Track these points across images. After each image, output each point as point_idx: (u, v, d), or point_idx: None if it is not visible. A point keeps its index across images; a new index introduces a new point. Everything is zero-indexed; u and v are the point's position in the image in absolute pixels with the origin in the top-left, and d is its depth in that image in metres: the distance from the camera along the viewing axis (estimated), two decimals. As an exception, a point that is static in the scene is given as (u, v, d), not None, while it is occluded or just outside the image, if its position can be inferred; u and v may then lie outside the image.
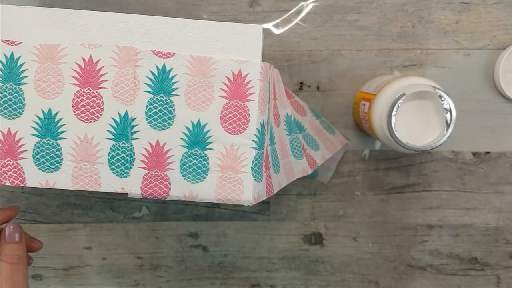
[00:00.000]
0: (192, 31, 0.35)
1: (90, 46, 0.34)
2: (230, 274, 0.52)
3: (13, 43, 0.34)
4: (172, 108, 0.35)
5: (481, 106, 0.50)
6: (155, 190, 0.35)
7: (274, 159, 0.39)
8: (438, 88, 0.40)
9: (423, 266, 0.52)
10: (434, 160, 0.50)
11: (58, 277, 0.51)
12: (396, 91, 0.40)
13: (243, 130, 0.35)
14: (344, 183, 0.51)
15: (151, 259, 0.52)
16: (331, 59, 0.49)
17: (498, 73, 0.47)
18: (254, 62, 0.34)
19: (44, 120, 0.35)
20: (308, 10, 0.48)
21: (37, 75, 0.34)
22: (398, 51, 0.49)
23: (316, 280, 0.52)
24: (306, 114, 0.46)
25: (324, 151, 0.45)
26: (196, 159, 0.35)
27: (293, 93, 0.47)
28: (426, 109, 0.41)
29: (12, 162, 0.35)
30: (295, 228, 0.52)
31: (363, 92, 0.47)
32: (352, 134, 0.50)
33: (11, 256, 0.36)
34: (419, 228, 0.52)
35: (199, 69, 0.34)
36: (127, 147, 0.35)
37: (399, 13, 0.48)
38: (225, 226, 0.51)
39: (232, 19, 0.48)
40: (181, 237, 0.52)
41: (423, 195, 0.51)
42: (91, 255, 0.52)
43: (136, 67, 0.34)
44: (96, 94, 0.34)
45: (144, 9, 0.48)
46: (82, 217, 0.51)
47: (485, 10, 0.48)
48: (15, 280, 0.36)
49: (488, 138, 0.50)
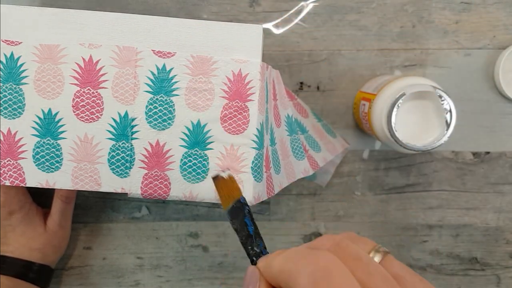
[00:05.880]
0: (192, 31, 0.35)
1: (90, 46, 0.34)
2: (230, 274, 0.52)
3: (13, 43, 0.34)
4: (172, 108, 0.35)
5: (481, 106, 0.49)
6: (155, 190, 0.35)
7: (275, 160, 0.39)
8: (438, 88, 0.40)
9: (423, 266, 0.52)
10: (434, 160, 0.50)
11: (58, 277, 0.51)
12: (396, 91, 0.40)
13: (243, 130, 0.35)
14: (344, 183, 0.51)
15: (151, 259, 0.52)
16: (331, 59, 0.49)
17: (498, 73, 0.47)
18: (254, 62, 0.35)
19: (44, 120, 0.35)
20: (308, 10, 0.48)
21: (37, 75, 0.34)
22: (398, 51, 0.49)
23: (316, 280, 0.52)
24: (308, 116, 0.46)
25: (326, 153, 0.45)
26: (196, 159, 0.35)
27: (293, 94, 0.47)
28: (426, 109, 0.41)
29: (12, 162, 0.35)
30: (295, 228, 0.52)
31: (363, 92, 0.47)
32: (352, 134, 0.50)
33: (66, 196, 0.46)
34: (419, 228, 0.52)
35: (200, 68, 0.34)
36: (127, 147, 0.35)
37: (399, 13, 0.48)
38: (225, 226, 0.51)
39: (232, 19, 0.48)
40: (181, 237, 0.52)
41: (423, 195, 0.51)
42: (91, 255, 0.52)
43: (136, 67, 0.34)
44: (96, 94, 0.34)
45: (144, 9, 0.48)
46: (82, 217, 0.51)
47: (485, 10, 0.48)
48: (65, 214, 0.47)
49: (488, 138, 0.50)
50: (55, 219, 0.46)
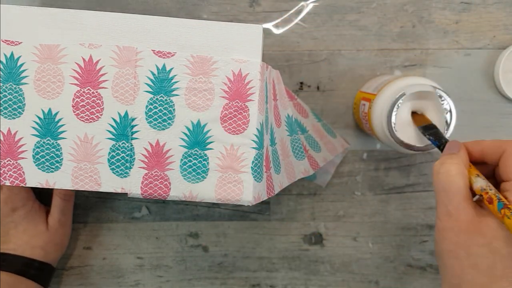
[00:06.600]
0: (192, 31, 0.35)
1: (90, 46, 0.34)
2: (230, 274, 0.52)
3: (13, 43, 0.34)
4: (172, 108, 0.35)
5: (481, 106, 0.49)
6: (155, 190, 0.35)
7: (275, 160, 0.39)
8: (438, 88, 0.40)
9: (423, 266, 0.52)
10: (434, 160, 0.50)
11: (58, 277, 0.51)
12: (396, 91, 0.40)
13: (243, 130, 0.35)
14: (344, 183, 0.51)
15: (151, 259, 0.52)
16: (331, 59, 0.49)
17: (498, 73, 0.47)
18: (254, 62, 0.34)
19: (44, 120, 0.35)
20: (308, 10, 0.48)
21: (37, 75, 0.34)
22: (398, 51, 0.49)
23: (316, 280, 0.52)
24: (308, 116, 0.46)
25: (326, 153, 0.45)
26: (196, 159, 0.35)
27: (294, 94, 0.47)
28: (426, 109, 0.41)
29: (12, 162, 0.35)
30: (295, 228, 0.52)
31: (363, 92, 0.47)
32: (352, 134, 0.50)
33: (64, 193, 0.46)
34: (419, 228, 0.52)
35: (200, 68, 0.34)
36: (127, 147, 0.35)
37: (399, 13, 0.48)
38: (225, 226, 0.51)
39: (232, 19, 0.48)
40: (181, 237, 0.52)
41: (423, 195, 0.51)
42: (91, 255, 0.52)
43: (136, 67, 0.34)
44: (96, 94, 0.34)
45: (144, 9, 0.48)
46: (82, 217, 0.51)
47: (485, 10, 0.48)
48: (64, 212, 0.47)
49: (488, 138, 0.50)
50: (55, 217, 0.46)
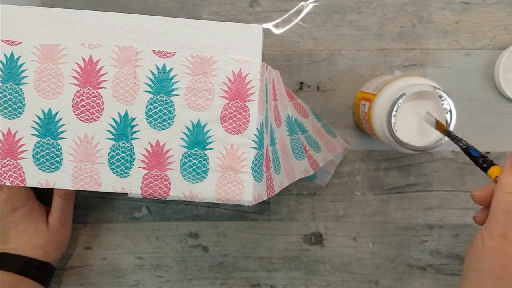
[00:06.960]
0: (192, 31, 0.35)
1: (90, 46, 0.34)
2: (230, 274, 0.52)
3: (13, 43, 0.34)
4: (172, 108, 0.35)
5: (481, 106, 0.49)
6: (155, 190, 0.35)
7: (275, 160, 0.39)
8: (438, 88, 0.40)
9: (423, 266, 0.52)
10: (434, 160, 0.50)
11: (58, 277, 0.51)
12: (396, 91, 0.40)
13: (243, 130, 0.35)
14: (344, 183, 0.51)
15: (151, 259, 0.52)
16: (331, 59, 0.49)
17: (498, 73, 0.47)
18: (254, 62, 0.34)
19: (44, 120, 0.35)
20: (308, 10, 0.48)
21: (37, 75, 0.34)
22: (398, 51, 0.49)
23: (316, 280, 0.52)
24: (308, 116, 0.46)
25: (326, 153, 0.45)
26: (196, 159, 0.35)
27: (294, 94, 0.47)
28: (426, 109, 0.41)
29: (12, 162, 0.35)
30: (295, 228, 0.52)
31: (363, 92, 0.47)
32: (352, 134, 0.50)
33: (64, 193, 0.46)
34: (419, 228, 0.52)
35: (200, 68, 0.34)
36: (127, 147, 0.35)
37: (399, 13, 0.48)
38: (225, 226, 0.51)
39: (232, 19, 0.48)
40: (181, 237, 0.52)
41: (423, 195, 0.51)
42: (91, 255, 0.52)
43: (136, 67, 0.34)
44: (96, 94, 0.34)
45: (144, 9, 0.48)
46: (82, 217, 0.51)
47: (485, 10, 0.48)
48: (64, 211, 0.47)
49: (488, 138, 0.50)
50: (55, 217, 0.46)
